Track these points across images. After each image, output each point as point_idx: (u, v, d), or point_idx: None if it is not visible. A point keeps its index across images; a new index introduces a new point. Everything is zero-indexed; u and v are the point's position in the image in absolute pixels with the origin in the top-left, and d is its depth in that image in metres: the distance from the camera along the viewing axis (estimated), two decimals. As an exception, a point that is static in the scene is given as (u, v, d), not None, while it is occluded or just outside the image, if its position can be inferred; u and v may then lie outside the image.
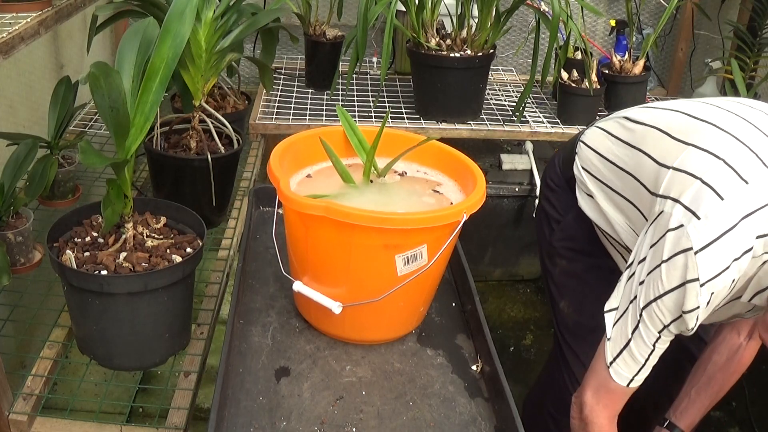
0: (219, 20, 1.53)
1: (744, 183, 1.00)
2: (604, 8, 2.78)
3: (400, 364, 1.14)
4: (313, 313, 1.18)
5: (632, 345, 1.08)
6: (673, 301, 1.02)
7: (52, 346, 1.35)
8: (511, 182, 2.35)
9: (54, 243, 1.25)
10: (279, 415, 1.01)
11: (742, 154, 1.03)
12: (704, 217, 0.99)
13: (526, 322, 2.47)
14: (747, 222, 0.98)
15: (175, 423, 1.24)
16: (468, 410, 1.06)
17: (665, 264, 1.01)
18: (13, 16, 1.30)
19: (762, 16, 2.32)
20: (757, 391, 1.30)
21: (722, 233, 0.98)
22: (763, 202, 0.99)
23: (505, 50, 2.77)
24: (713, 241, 0.98)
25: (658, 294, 1.03)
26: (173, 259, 1.23)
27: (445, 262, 1.15)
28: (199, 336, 1.40)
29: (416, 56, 2.05)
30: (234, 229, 1.74)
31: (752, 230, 0.98)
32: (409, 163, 1.27)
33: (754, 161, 1.02)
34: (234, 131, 1.68)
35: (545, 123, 2.19)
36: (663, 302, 1.03)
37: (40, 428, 1.24)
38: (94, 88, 1.06)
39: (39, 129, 1.81)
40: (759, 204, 0.99)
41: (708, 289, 0.99)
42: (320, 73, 2.30)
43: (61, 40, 2.07)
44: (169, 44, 1.14)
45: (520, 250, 2.53)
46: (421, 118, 2.14)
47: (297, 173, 1.22)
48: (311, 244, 1.10)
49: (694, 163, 1.05)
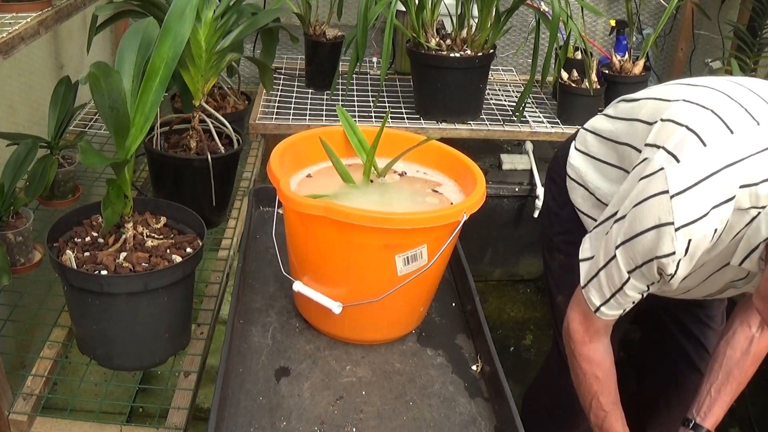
0: (219, 20, 1.53)
1: (729, 132, 0.99)
2: (604, 8, 2.78)
3: (400, 364, 1.14)
4: (313, 313, 1.18)
5: (602, 275, 1.10)
6: (646, 244, 1.01)
7: (52, 346, 1.35)
8: (511, 182, 2.35)
9: (54, 243, 1.25)
10: (279, 415, 1.01)
11: (731, 107, 1.02)
12: (684, 162, 0.98)
13: (526, 322, 2.47)
14: (729, 171, 0.96)
15: (175, 423, 1.24)
16: (468, 410, 1.06)
17: (641, 205, 1.01)
18: (13, 16, 1.30)
19: (762, 16, 2.32)
20: (757, 391, 1.29)
21: (701, 179, 0.97)
22: (748, 153, 0.97)
23: (505, 50, 2.77)
24: (691, 186, 0.97)
25: (633, 234, 1.03)
26: (173, 259, 1.23)
27: (445, 262, 1.15)
28: (199, 336, 1.40)
29: (416, 56, 2.06)
30: (234, 229, 1.74)
31: (735, 179, 0.96)
32: (409, 163, 1.27)
33: (743, 114, 1.01)
34: (234, 131, 1.68)
35: (545, 123, 2.19)
36: (638, 242, 1.02)
37: (40, 428, 1.24)
38: (94, 88, 1.06)
39: (39, 129, 1.81)
40: (744, 154, 0.97)
41: (684, 235, 0.97)
42: (320, 73, 2.31)
43: (61, 40, 2.07)
44: (169, 44, 1.14)
45: (520, 250, 2.53)
46: (421, 118, 2.14)
47: (297, 173, 1.22)
48: (311, 244, 1.10)
49: (682, 113, 1.05)
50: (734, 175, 0.97)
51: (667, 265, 1.01)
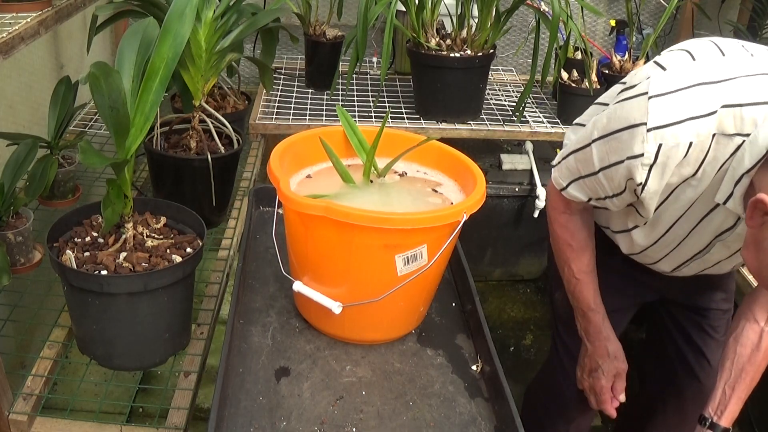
0: (219, 20, 1.53)
1: (721, 54, 1.00)
2: (604, 8, 2.78)
3: (400, 364, 1.14)
4: (313, 313, 1.18)
5: (572, 159, 1.16)
6: (620, 144, 1.03)
7: (52, 346, 1.35)
8: (511, 182, 2.35)
9: (54, 243, 1.25)
10: (279, 415, 1.01)
11: (731, 42, 1.04)
12: (670, 70, 1.00)
13: (526, 322, 2.47)
14: (714, 87, 0.96)
15: (175, 423, 1.24)
16: (468, 410, 1.06)
17: (622, 104, 1.03)
18: (13, 16, 1.30)
19: (762, 16, 2.32)
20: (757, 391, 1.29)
21: (683, 87, 0.97)
22: (737, 74, 0.97)
23: (505, 50, 2.77)
24: (671, 91, 0.98)
25: (610, 131, 1.05)
26: (173, 259, 1.23)
27: (445, 262, 1.15)
28: (199, 336, 1.40)
29: (416, 56, 2.06)
30: (234, 229, 1.74)
31: (718, 96, 0.96)
32: (409, 163, 1.27)
33: (738, 46, 1.02)
34: (234, 131, 1.68)
35: (545, 123, 2.19)
36: (613, 139, 1.04)
37: (40, 428, 1.24)
38: (94, 88, 1.06)
39: (39, 129, 1.81)
40: (732, 74, 0.97)
41: (655, 138, 0.97)
42: (320, 73, 2.31)
43: (61, 40, 2.07)
44: (169, 44, 1.14)
45: (520, 250, 2.53)
46: (421, 118, 2.14)
47: (297, 173, 1.22)
48: (311, 244, 1.10)
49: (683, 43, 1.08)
50: (718, 93, 0.96)
51: (635, 169, 1.01)
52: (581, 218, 1.27)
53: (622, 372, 1.34)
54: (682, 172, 1.00)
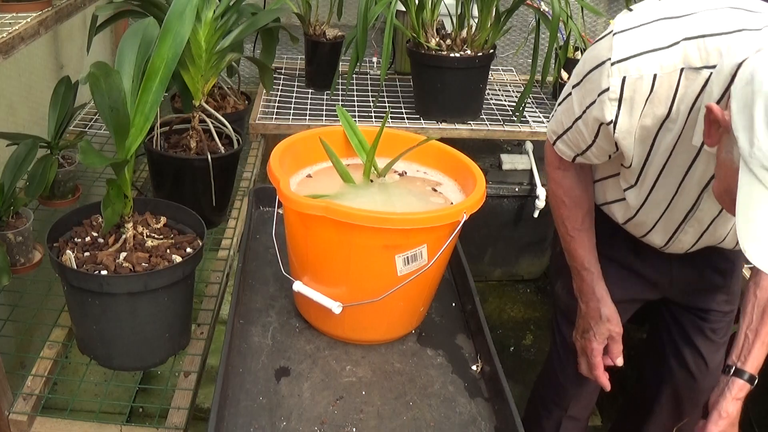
0: (219, 20, 1.53)
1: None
2: (604, 8, 2.78)
3: (400, 364, 1.14)
4: (313, 313, 1.18)
5: (560, 110, 1.20)
6: (591, 83, 1.07)
7: (52, 346, 1.35)
8: (511, 182, 2.35)
9: (54, 243, 1.25)
10: (279, 415, 1.01)
11: None
12: (635, 10, 1.04)
13: (526, 322, 2.47)
14: (675, 21, 0.99)
15: (175, 423, 1.24)
16: (468, 410, 1.06)
17: (593, 47, 1.08)
18: (13, 16, 1.30)
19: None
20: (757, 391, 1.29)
21: (645, 22, 1.01)
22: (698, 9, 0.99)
23: (505, 50, 2.77)
24: (633, 27, 1.01)
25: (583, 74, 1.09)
26: (173, 259, 1.23)
27: (445, 262, 1.15)
28: (199, 336, 1.40)
29: (416, 56, 2.05)
30: (234, 229, 1.74)
31: (680, 29, 0.98)
32: (409, 163, 1.27)
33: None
34: (234, 131, 1.68)
35: (545, 123, 2.19)
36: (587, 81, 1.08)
37: (40, 428, 1.24)
38: (94, 88, 1.06)
39: (39, 129, 1.81)
40: (694, 9, 0.99)
41: (618, 71, 1.01)
42: (320, 73, 2.30)
43: (61, 40, 2.07)
44: (169, 44, 1.14)
45: (520, 250, 2.53)
46: (421, 118, 2.14)
47: (297, 173, 1.22)
48: (311, 244, 1.10)
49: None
50: (681, 25, 0.99)
51: (605, 106, 1.05)
52: (576, 175, 1.28)
53: (616, 335, 1.31)
54: (655, 111, 1.03)
